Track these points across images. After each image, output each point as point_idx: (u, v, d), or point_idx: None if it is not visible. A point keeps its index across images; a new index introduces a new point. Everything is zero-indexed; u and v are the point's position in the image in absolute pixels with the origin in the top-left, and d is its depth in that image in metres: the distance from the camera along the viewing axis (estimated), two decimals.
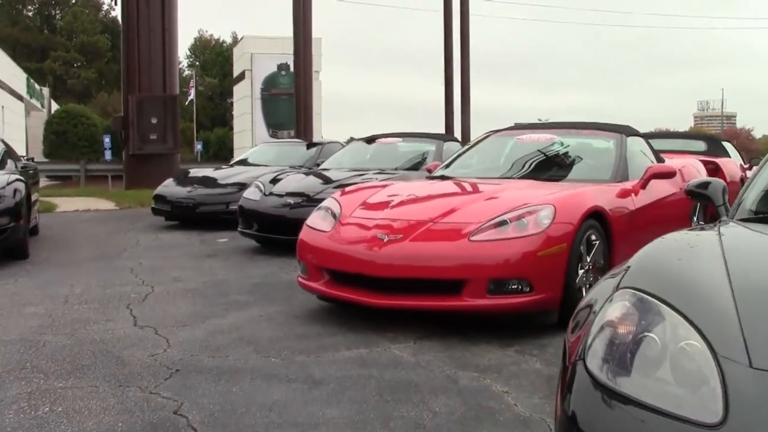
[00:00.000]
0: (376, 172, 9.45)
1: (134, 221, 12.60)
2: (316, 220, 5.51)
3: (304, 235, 5.46)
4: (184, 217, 11.53)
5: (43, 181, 30.46)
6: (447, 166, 6.90)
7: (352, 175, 9.24)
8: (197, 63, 73.74)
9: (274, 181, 9.51)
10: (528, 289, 4.63)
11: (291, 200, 8.63)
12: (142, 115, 19.22)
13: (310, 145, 14.24)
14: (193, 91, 54.85)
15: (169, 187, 12.12)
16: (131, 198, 16.72)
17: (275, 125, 43.52)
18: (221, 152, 50.80)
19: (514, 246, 4.64)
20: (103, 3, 71.00)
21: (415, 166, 10.12)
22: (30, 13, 72.07)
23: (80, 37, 68.51)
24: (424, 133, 11.18)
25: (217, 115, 66.87)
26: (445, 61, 23.59)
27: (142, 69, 19.17)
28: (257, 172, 11.77)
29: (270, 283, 6.80)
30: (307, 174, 9.79)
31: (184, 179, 12.37)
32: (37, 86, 49.04)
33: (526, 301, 4.63)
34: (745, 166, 12.20)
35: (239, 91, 47.22)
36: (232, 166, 13.67)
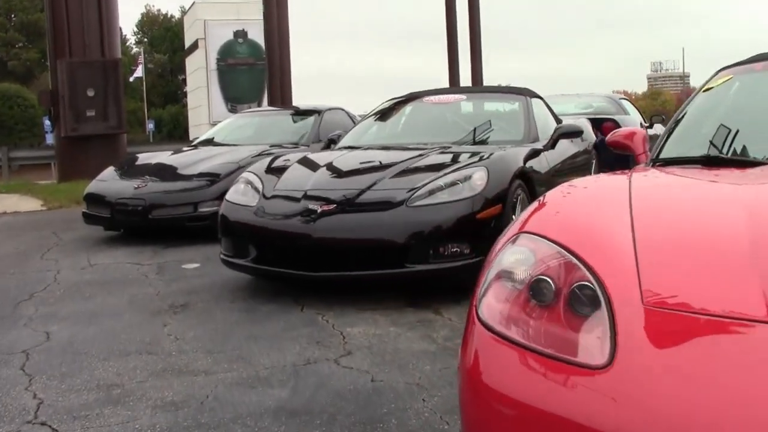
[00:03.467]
0: (439, 151, 5.80)
1: (62, 230, 8.83)
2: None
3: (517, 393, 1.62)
4: (131, 225, 7.88)
5: None
6: (666, 139, 3.18)
7: (406, 158, 5.52)
8: (145, 39, 69.99)
9: (273, 170, 5.78)
10: None
11: (315, 206, 4.91)
12: (76, 87, 14.91)
13: (300, 113, 10.48)
14: (141, 68, 51.86)
15: (108, 181, 8.34)
16: (64, 194, 12.76)
17: (234, 99, 39.96)
18: (176, 131, 48.25)
19: None
20: None
21: (484, 140, 6.40)
22: None
23: (19, 15, 64.27)
24: (492, 87, 7.44)
25: (168, 93, 64.27)
26: (447, 29, 19.69)
27: (73, 27, 14.83)
28: (235, 156, 8.23)
29: (317, 403, 3.13)
30: (321, 159, 6.03)
31: (130, 169, 8.59)
32: None
33: None
34: None
35: (192, 63, 43.43)
36: (195, 147, 9.86)
